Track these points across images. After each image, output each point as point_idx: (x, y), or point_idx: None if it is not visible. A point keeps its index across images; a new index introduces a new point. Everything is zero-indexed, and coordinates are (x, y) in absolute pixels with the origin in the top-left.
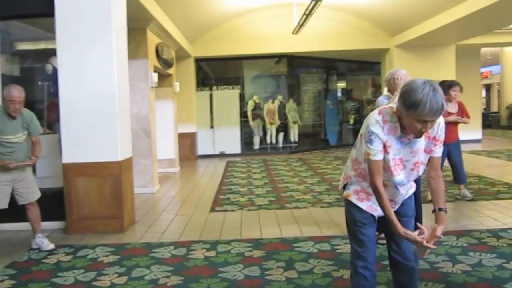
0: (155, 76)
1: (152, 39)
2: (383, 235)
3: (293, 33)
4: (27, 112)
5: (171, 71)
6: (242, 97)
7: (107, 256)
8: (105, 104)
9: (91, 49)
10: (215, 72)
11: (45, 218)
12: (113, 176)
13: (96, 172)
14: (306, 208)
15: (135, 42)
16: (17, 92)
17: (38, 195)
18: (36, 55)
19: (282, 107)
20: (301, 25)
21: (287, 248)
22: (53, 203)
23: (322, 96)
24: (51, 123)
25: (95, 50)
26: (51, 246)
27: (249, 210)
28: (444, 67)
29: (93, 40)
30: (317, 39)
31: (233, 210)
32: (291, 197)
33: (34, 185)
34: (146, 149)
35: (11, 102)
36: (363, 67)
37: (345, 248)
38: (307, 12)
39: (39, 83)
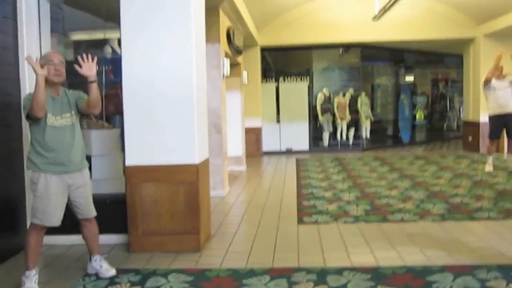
0: (227, 63)
1: (224, 21)
2: None
3: (373, 19)
4: (72, 91)
5: (239, 59)
6: (310, 90)
7: None
8: (181, 94)
9: (164, 26)
10: (281, 63)
11: (103, 230)
12: (189, 183)
13: (167, 177)
14: (415, 221)
15: (206, 24)
16: (54, 53)
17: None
18: (92, 41)
19: (353, 101)
20: (386, 10)
21: (421, 284)
22: (113, 213)
23: (394, 90)
24: (111, 116)
25: (168, 28)
26: (112, 272)
27: (345, 222)
28: None
29: (166, 14)
30: (394, 27)
31: (327, 223)
32: (389, 206)
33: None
34: (216, 146)
35: (50, 64)
36: (431, 59)
37: (498, 284)
38: None
39: (97, 68)
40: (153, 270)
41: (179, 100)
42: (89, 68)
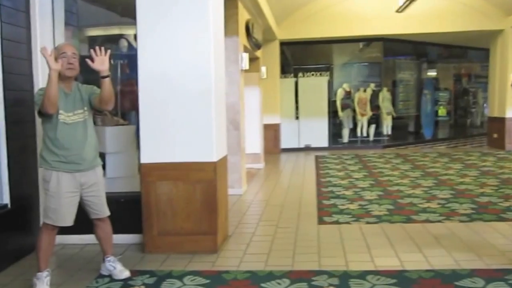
0: (246, 57)
1: (243, 14)
2: None
3: (397, 11)
4: (85, 86)
5: (258, 53)
6: (330, 85)
7: None
8: (198, 89)
9: (181, 19)
10: (300, 58)
11: (117, 230)
12: (206, 181)
13: (183, 176)
14: (441, 222)
15: (224, 16)
16: (67, 45)
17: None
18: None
19: (374, 96)
20: (412, 0)
21: None
22: (128, 212)
23: (416, 85)
24: (126, 112)
25: (185, 21)
26: (126, 273)
27: (368, 223)
28: None
29: (183, 6)
30: (418, 19)
31: (348, 223)
32: (413, 206)
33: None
34: (234, 143)
35: (62, 56)
36: (455, 53)
37: None
38: None
39: (111, 62)
40: (168, 271)
41: (196, 96)
42: (101, 62)
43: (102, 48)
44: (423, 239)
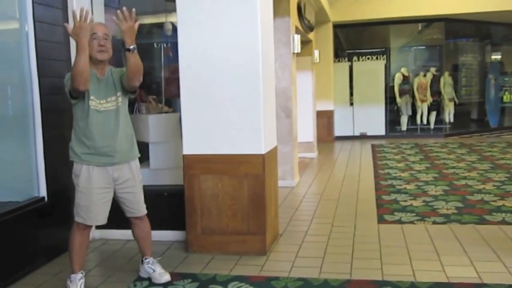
0: (298, 39)
1: None
2: None
3: None
4: (118, 69)
5: (311, 36)
6: (387, 70)
7: None
8: (245, 74)
9: None
10: (355, 41)
11: (160, 226)
12: (254, 175)
13: (229, 169)
14: None
15: None
16: (98, 24)
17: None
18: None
19: (435, 81)
20: None
21: None
22: (171, 207)
23: (479, 69)
24: (171, 99)
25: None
26: (166, 277)
27: (435, 223)
28: None
29: None
30: None
31: (412, 223)
32: (485, 203)
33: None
34: (285, 132)
35: (93, 38)
36: None
37: None
38: None
39: (155, 45)
40: (212, 276)
41: (242, 82)
42: (129, 30)
43: (133, 11)
44: (501, 245)
